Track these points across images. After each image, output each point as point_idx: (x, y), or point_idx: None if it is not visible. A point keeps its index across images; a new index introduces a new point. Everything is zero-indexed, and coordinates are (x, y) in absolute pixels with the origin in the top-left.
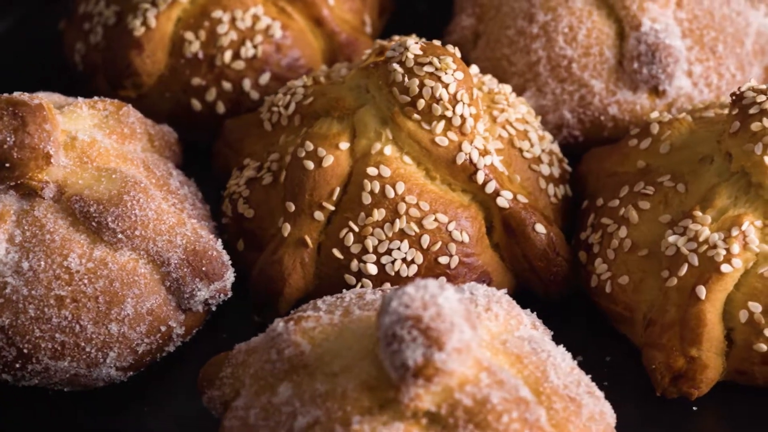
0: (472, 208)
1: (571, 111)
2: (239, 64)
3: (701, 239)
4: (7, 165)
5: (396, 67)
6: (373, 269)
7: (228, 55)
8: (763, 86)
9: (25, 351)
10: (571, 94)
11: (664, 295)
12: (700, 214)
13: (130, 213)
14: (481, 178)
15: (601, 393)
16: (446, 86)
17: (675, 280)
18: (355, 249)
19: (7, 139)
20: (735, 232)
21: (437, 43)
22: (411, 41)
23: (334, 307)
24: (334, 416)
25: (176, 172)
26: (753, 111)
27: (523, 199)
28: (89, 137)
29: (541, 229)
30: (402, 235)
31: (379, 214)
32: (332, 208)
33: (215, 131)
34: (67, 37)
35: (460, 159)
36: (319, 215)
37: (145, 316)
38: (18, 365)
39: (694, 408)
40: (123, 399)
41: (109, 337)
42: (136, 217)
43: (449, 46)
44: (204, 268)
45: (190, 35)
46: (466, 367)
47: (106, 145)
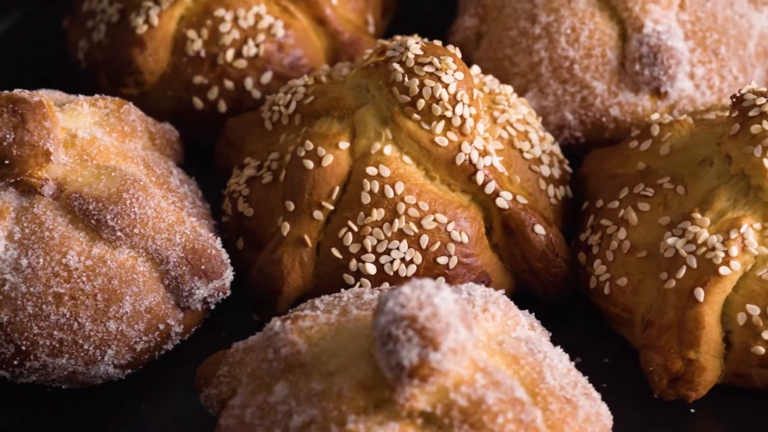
0: (471, 209)
1: (573, 112)
2: (241, 63)
3: (700, 241)
4: (7, 162)
5: (396, 66)
6: (372, 269)
7: (230, 54)
8: (764, 89)
9: (23, 348)
10: (573, 95)
11: (662, 297)
12: (699, 216)
13: (129, 211)
14: (480, 178)
15: (597, 394)
16: (446, 86)
17: (673, 282)
18: (354, 248)
19: (7, 136)
20: (734, 235)
21: (438, 43)
22: (412, 41)
23: (331, 306)
24: (329, 416)
25: (176, 171)
26: (753, 113)
27: (523, 200)
28: (89, 135)
29: (540, 230)
30: (401, 235)
31: (378, 214)
32: (331, 208)
33: (217, 130)
34: (70, 35)
35: (460, 159)
36: (318, 214)
37: (144, 314)
38: (16, 362)
39: (692, 410)
40: (121, 397)
41: (108, 335)
42: (135, 215)
43: (450, 47)
44: (203, 267)
45: (192, 33)
46: (462, 368)
47: (106, 142)
